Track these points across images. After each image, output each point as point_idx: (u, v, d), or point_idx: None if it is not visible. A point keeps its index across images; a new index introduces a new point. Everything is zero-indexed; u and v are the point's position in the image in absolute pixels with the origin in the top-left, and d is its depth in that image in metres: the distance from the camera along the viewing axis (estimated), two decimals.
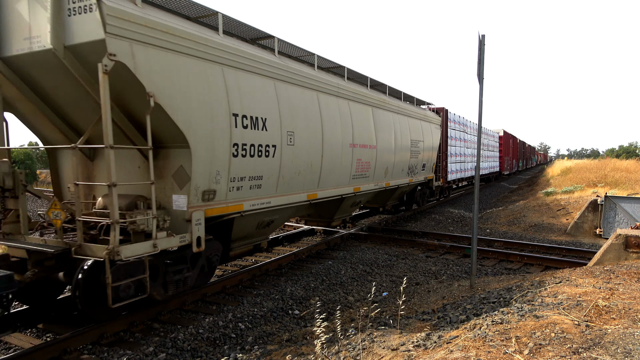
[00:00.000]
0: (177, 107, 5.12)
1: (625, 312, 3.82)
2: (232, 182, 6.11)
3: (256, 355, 4.80)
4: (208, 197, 5.71)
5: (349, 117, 9.10)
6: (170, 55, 5.08)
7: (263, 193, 6.76)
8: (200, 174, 5.50)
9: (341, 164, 8.85)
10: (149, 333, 5.28)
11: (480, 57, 6.03)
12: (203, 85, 5.49)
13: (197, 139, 5.37)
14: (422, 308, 5.62)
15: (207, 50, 5.59)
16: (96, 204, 5.60)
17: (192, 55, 5.38)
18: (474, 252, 6.25)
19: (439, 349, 3.61)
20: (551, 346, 3.17)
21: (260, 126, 6.49)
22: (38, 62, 4.93)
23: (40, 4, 4.74)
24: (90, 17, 4.46)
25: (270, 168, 6.77)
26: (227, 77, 5.92)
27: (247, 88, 6.25)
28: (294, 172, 7.38)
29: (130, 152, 5.58)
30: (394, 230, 12.22)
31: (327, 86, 8.41)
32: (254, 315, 5.89)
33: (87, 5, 4.47)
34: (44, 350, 4.45)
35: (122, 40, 4.53)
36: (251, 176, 6.44)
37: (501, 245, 10.56)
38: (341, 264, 8.57)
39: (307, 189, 7.90)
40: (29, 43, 4.88)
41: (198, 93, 5.40)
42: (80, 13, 4.55)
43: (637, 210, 11.31)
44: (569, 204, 15.78)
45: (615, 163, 29.59)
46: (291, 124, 7.19)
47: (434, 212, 16.39)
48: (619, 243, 6.60)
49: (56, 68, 4.86)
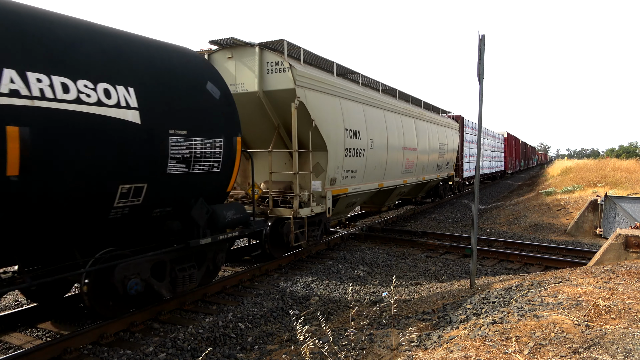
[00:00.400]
0: (322, 126, 8.19)
1: (625, 312, 3.82)
2: (344, 173, 9.15)
3: (256, 355, 4.80)
4: (332, 182, 8.77)
5: (401, 127, 12.15)
6: (318, 94, 8.25)
7: (356, 182, 9.80)
8: (330, 168, 8.54)
9: (397, 162, 11.89)
10: (149, 333, 5.29)
11: (480, 57, 6.03)
12: (332, 111, 8.60)
13: (330, 145, 8.40)
14: (422, 308, 5.62)
15: (332, 89, 8.71)
16: (261, 187, 8.69)
17: (326, 92, 8.51)
18: (474, 252, 6.25)
19: (438, 349, 3.61)
20: (551, 346, 3.17)
21: (357, 136, 9.48)
22: (242, 99, 7.97)
23: (245, 65, 7.94)
24: (284, 75, 7.61)
25: (361, 164, 9.81)
26: (342, 104, 9.03)
27: (350, 111, 9.30)
28: (372, 167, 10.40)
29: (284, 152, 8.66)
30: (394, 230, 12.22)
31: (389, 105, 11.53)
32: (254, 315, 5.89)
33: (282, 68, 7.64)
34: (43, 350, 4.45)
35: (301, 88, 7.69)
36: (352, 170, 9.44)
37: (501, 245, 10.56)
38: (341, 264, 8.57)
39: (377, 180, 10.95)
40: (234, 88, 7.96)
41: (330, 116, 8.50)
42: (277, 72, 7.69)
43: (637, 210, 11.31)
44: (569, 203, 15.78)
45: (615, 163, 29.58)
46: (371, 134, 10.16)
47: (434, 212, 16.41)
48: (619, 243, 6.59)
49: (253, 103, 8.04)
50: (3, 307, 6.28)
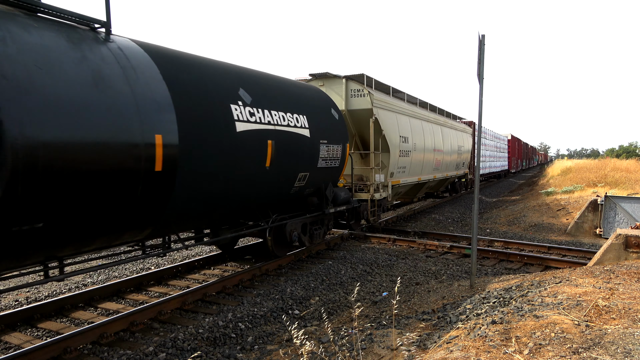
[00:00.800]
0: (387, 134, 11.16)
1: (625, 312, 3.82)
2: (398, 169, 12.06)
3: (256, 355, 4.80)
4: (391, 175, 11.75)
5: (432, 133, 15.05)
6: (385, 111, 11.36)
7: (405, 175, 12.80)
8: (391, 164, 11.53)
9: (430, 161, 14.80)
10: (149, 333, 5.29)
11: (480, 57, 6.03)
12: (392, 123, 11.64)
13: (392, 147, 11.35)
14: (422, 308, 5.62)
15: (391, 107, 11.88)
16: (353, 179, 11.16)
17: (388, 110, 11.67)
18: (474, 252, 6.25)
19: (438, 349, 3.61)
20: (551, 346, 3.17)
21: (406, 141, 12.45)
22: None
23: (334, 91, 10.87)
24: (364, 99, 10.69)
25: (408, 162, 12.78)
26: (397, 118, 12.17)
27: (402, 122, 12.40)
28: (414, 165, 13.32)
29: (359, 153, 11.71)
30: (394, 230, 12.22)
31: (424, 116, 14.66)
32: (254, 315, 5.89)
33: (362, 94, 10.68)
34: (43, 350, 4.45)
35: (375, 107, 10.76)
36: (402, 166, 12.35)
37: (501, 245, 10.56)
38: (341, 264, 8.57)
39: (417, 175, 13.90)
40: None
41: (391, 127, 11.50)
42: (358, 97, 10.77)
43: (637, 210, 11.31)
44: (569, 203, 15.78)
45: (615, 163, 29.57)
46: (414, 139, 13.15)
47: (434, 212, 16.40)
48: (619, 243, 6.59)
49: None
50: (3, 307, 6.28)
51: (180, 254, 9.56)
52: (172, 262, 8.85)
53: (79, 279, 7.68)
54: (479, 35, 6.02)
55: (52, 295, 6.78)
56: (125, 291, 6.85)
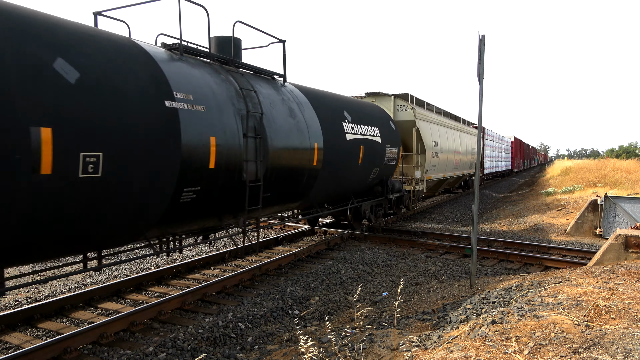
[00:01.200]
0: (424, 140, 13.36)
1: (625, 312, 3.82)
2: (430, 167, 14.11)
3: (256, 355, 4.80)
4: (426, 172, 13.75)
5: (453, 137, 17.38)
6: (422, 122, 13.59)
7: (435, 172, 14.92)
8: (426, 163, 13.60)
9: (451, 161, 16.95)
10: (149, 333, 5.29)
11: (480, 57, 6.04)
12: (427, 131, 13.81)
13: (427, 150, 13.46)
14: (422, 308, 5.62)
15: (427, 118, 14.20)
16: (403, 174, 13.44)
17: (425, 120, 13.88)
18: (474, 252, 6.25)
19: (439, 349, 3.61)
20: (551, 346, 3.17)
21: (436, 145, 14.60)
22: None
23: (384, 106, 12.97)
24: (409, 112, 13.13)
25: (437, 162, 14.86)
26: (430, 127, 14.37)
27: (433, 130, 14.58)
28: (441, 164, 15.46)
29: (403, 154, 13.37)
30: (394, 230, 12.22)
31: (447, 123, 17.13)
32: (254, 315, 5.89)
33: (407, 108, 13.14)
34: (43, 350, 4.45)
35: (417, 119, 13.09)
36: (433, 165, 14.41)
37: (501, 245, 10.56)
38: (341, 264, 8.57)
39: (442, 172, 15.97)
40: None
41: (427, 134, 13.65)
42: (404, 111, 13.23)
43: (637, 210, 11.31)
44: (569, 204, 15.79)
45: (615, 163, 29.60)
46: (442, 143, 15.36)
47: (434, 212, 16.41)
48: (618, 243, 6.59)
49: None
50: (3, 307, 6.28)
51: (180, 254, 9.57)
52: (172, 262, 8.86)
53: (79, 278, 7.68)
54: (479, 36, 6.03)
55: (52, 295, 6.78)
56: (125, 291, 6.85)
